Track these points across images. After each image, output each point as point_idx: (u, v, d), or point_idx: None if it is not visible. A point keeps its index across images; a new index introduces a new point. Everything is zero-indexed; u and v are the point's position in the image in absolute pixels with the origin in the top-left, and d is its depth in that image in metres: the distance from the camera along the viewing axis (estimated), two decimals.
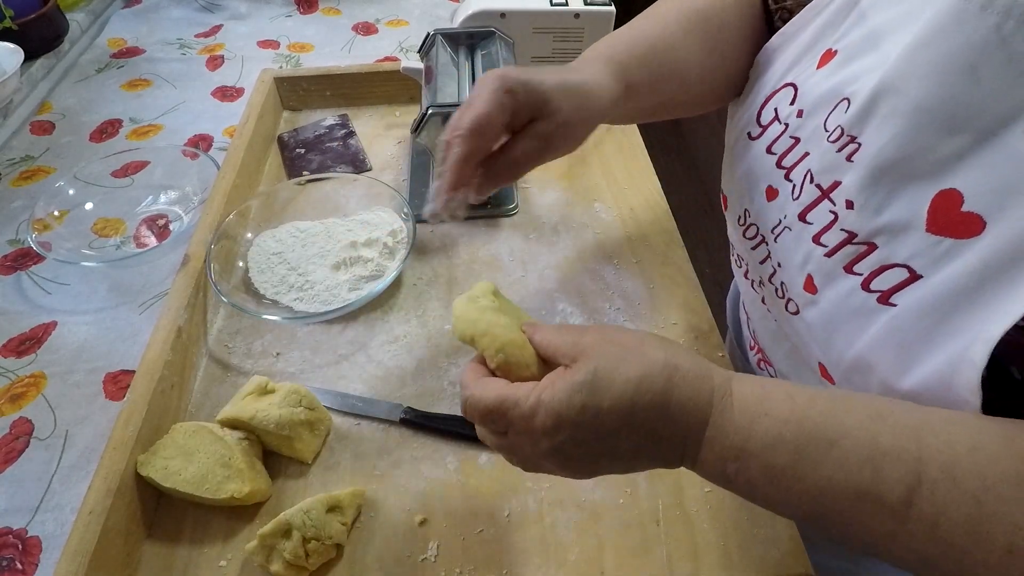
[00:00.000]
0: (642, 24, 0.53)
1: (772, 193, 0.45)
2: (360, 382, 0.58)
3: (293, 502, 0.48)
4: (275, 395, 0.51)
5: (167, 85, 0.96)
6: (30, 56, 0.91)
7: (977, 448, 0.29)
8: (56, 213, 0.71)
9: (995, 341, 0.30)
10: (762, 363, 0.58)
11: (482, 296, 0.40)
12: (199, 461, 0.48)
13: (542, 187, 0.77)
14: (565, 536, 0.48)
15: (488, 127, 0.43)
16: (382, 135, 0.85)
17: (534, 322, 0.38)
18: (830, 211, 0.39)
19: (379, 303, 0.64)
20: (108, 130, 0.87)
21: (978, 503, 0.28)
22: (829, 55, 0.42)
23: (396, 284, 0.66)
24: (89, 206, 0.74)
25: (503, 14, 0.78)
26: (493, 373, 0.37)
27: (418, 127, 0.65)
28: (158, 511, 0.50)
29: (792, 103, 0.44)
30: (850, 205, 0.37)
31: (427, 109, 0.64)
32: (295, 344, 0.61)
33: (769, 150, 0.45)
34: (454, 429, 0.54)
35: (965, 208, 0.32)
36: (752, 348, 0.60)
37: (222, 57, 1.01)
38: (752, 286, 0.54)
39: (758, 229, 0.48)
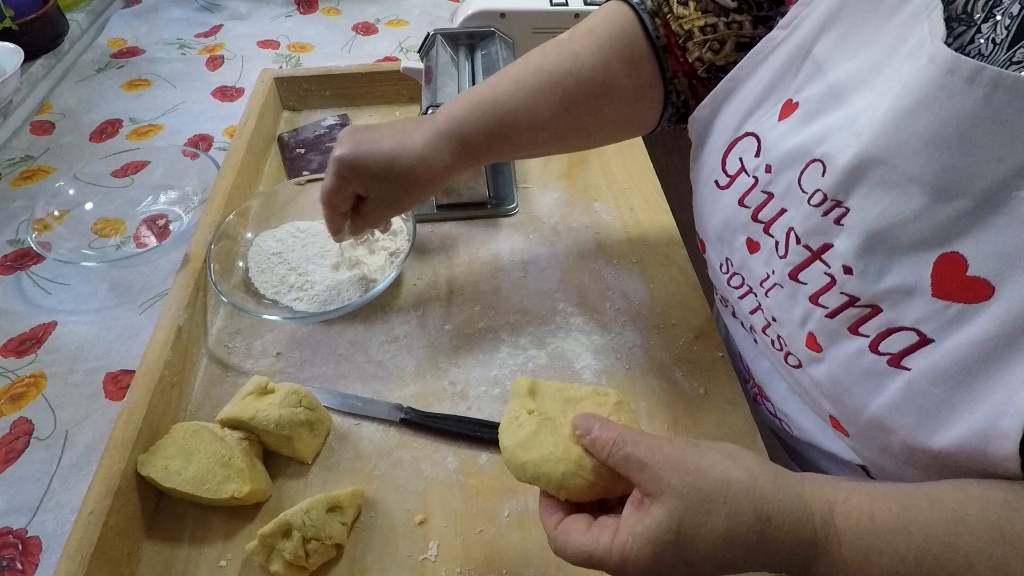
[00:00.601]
0: (495, 84, 0.54)
1: (753, 246, 0.44)
2: (360, 382, 0.58)
3: (293, 502, 0.48)
4: (275, 395, 0.51)
5: (167, 85, 0.96)
6: (30, 56, 0.91)
7: None
8: (56, 213, 0.71)
9: None
10: (759, 397, 0.57)
11: (520, 411, 0.38)
12: (199, 461, 0.48)
13: (542, 187, 0.77)
14: None
15: (333, 196, 0.54)
16: None
17: (586, 413, 0.37)
18: (825, 273, 0.38)
19: (379, 303, 0.64)
20: (108, 130, 0.87)
21: None
22: (790, 107, 0.41)
23: (396, 284, 0.66)
24: (89, 206, 0.74)
25: (503, 14, 0.78)
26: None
27: None
28: (158, 511, 0.50)
29: (757, 155, 0.43)
30: (848, 271, 0.36)
31: (427, 109, 0.64)
32: (295, 344, 0.61)
33: (742, 203, 0.44)
34: (454, 429, 0.53)
35: (971, 272, 0.31)
36: (747, 382, 0.59)
37: (222, 57, 1.01)
38: (742, 326, 0.53)
39: (744, 279, 0.47)
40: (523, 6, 0.78)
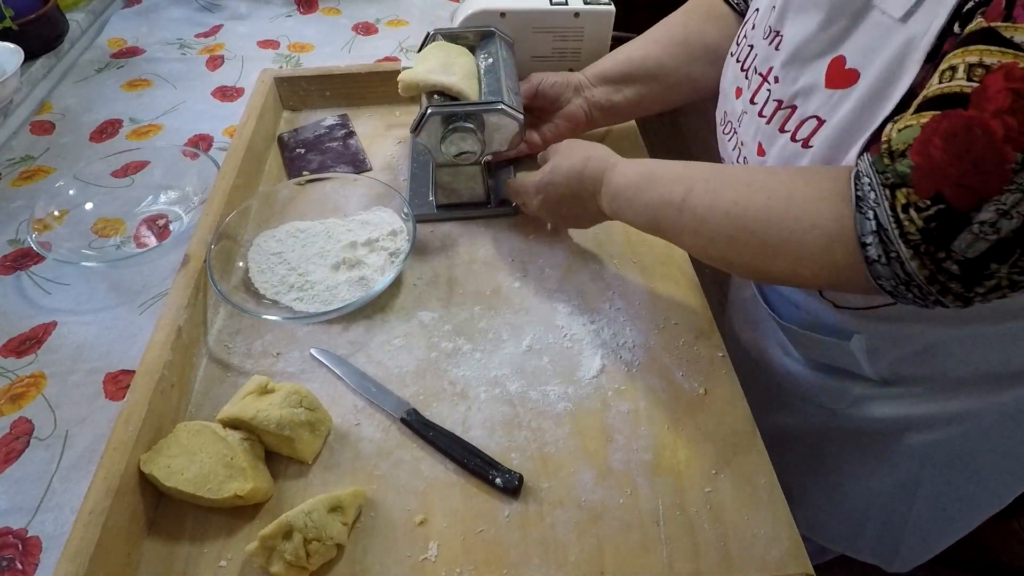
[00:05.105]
0: (633, 42, 0.73)
1: (738, 92, 0.59)
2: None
3: (293, 502, 0.48)
4: (275, 395, 0.51)
5: (167, 85, 0.96)
6: (30, 56, 0.91)
7: (740, 178, 0.48)
8: (56, 213, 0.71)
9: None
10: None
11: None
12: (201, 461, 0.48)
13: None
14: (565, 536, 0.48)
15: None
16: (382, 135, 0.85)
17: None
18: (767, 89, 0.53)
19: (379, 303, 0.64)
20: (108, 130, 0.87)
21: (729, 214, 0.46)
22: None
23: (396, 284, 0.66)
24: (89, 206, 0.74)
25: (503, 14, 0.78)
26: None
27: (418, 127, 0.65)
28: (158, 511, 0.50)
29: (754, 26, 0.58)
30: (776, 80, 0.52)
31: (427, 109, 0.64)
32: (295, 344, 0.61)
33: (737, 59, 0.60)
34: (445, 447, 0.52)
35: (847, 66, 0.45)
36: None
37: (222, 57, 1.01)
38: None
39: (730, 121, 0.60)
40: (523, 6, 0.78)
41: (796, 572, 0.46)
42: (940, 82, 0.36)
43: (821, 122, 0.47)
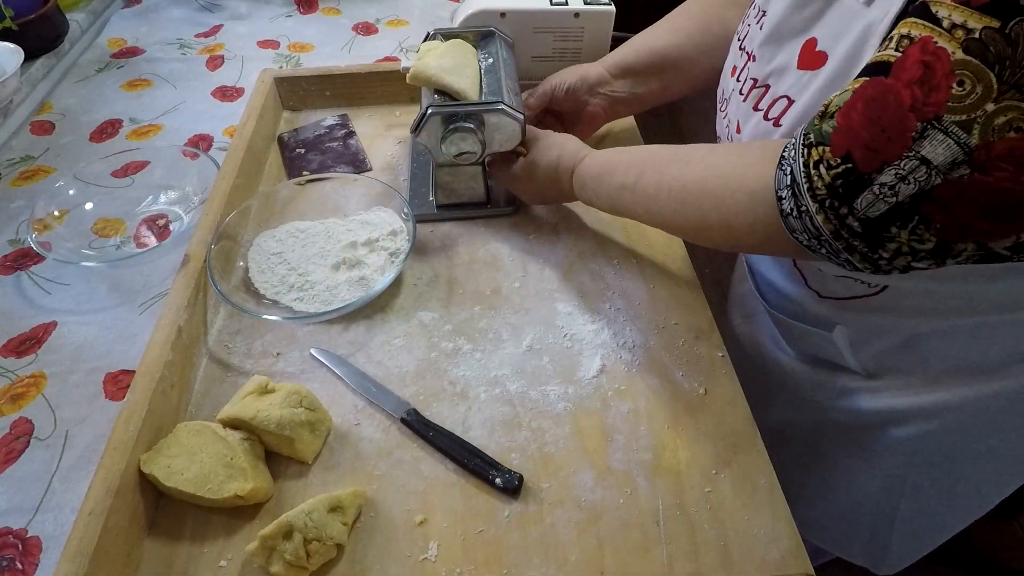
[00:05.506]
0: (653, 30, 0.73)
1: (733, 70, 0.58)
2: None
3: (293, 502, 0.48)
4: (276, 395, 0.51)
5: (167, 85, 0.96)
6: (30, 56, 0.91)
7: (684, 159, 0.52)
8: (56, 213, 0.71)
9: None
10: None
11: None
12: (202, 461, 0.48)
13: None
14: (565, 536, 0.48)
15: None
16: (382, 135, 0.85)
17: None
18: (748, 67, 0.54)
19: (379, 303, 0.64)
20: (108, 130, 0.87)
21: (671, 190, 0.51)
22: None
23: (396, 284, 0.66)
24: (89, 206, 0.74)
25: (503, 14, 0.78)
26: None
27: (418, 127, 0.65)
28: (158, 511, 0.50)
29: (753, 4, 0.57)
30: (754, 58, 0.53)
31: (427, 109, 0.64)
32: (295, 344, 0.61)
33: (738, 38, 0.59)
34: (446, 448, 0.52)
35: (818, 48, 0.46)
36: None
37: (222, 57, 1.01)
38: None
39: (725, 99, 0.60)
40: (523, 6, 0.78)
41: (796, 572, 0.46)
42: (879, 51, 0.38)
43: (791, 102, 0.48)
